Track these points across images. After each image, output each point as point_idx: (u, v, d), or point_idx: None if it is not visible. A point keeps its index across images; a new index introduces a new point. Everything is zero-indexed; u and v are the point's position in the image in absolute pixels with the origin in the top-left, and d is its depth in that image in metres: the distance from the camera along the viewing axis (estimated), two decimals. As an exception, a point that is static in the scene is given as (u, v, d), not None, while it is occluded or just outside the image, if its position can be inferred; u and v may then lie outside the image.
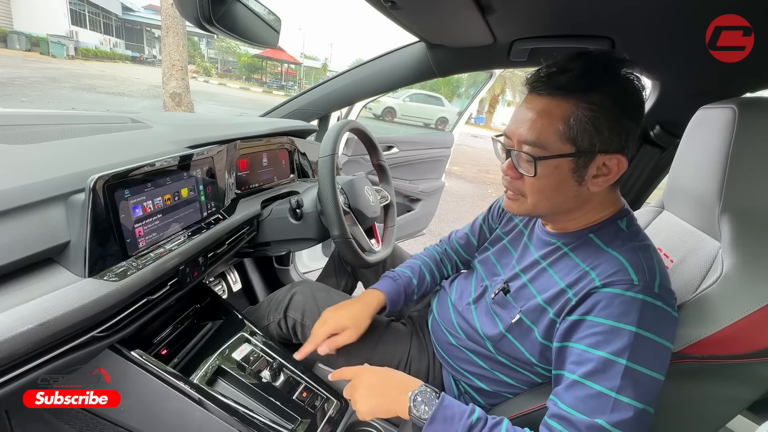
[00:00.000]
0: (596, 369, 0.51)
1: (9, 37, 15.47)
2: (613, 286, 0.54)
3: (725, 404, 0.59)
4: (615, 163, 0.57)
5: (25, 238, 0.50)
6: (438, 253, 1.00)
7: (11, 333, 0.44)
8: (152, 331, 0.80)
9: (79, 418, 0.71)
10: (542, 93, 0.57)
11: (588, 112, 0.54)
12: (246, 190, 1.05)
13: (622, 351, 0.51)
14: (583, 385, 0.52)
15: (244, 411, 0.70)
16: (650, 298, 0.52)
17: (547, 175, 0.58)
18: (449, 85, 21.16)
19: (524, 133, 0.58)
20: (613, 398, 0.49)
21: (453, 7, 0.86)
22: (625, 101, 0.55)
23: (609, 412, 0.49)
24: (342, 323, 0.78)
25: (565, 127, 0.55)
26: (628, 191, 1.22)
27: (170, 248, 0.68)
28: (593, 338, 0.53)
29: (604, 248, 0.60)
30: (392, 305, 0.85)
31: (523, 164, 0.60)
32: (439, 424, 0.56)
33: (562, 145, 0.56)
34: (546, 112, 0.56)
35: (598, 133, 0.55)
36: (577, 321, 0.56)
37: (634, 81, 0.56)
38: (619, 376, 0.50)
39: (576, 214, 0.64)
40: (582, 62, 0.56)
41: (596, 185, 0.59)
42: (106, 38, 22.67)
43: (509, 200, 0.66)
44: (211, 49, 28.19)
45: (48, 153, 0.65)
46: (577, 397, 0.52)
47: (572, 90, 0.55)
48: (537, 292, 0.65)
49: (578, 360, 0.54)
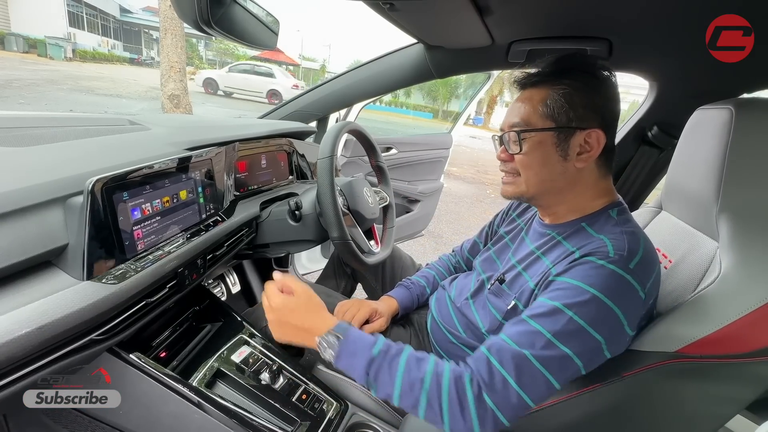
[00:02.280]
0: (543, 313, 0.56)
1: (6, 38, 15.43)
2: (589, 256, 0.58)
3: (724, 404, 0.59)
4: (595, 138, 0.63)
5: (23, 241, 0.50)
6: (451, 263, 1.05)
7: (9, 336, 0.43)
8: (151, 334, 0.79)
9: (78, 421, 0.71)
10: (525, 85, 0.69)
11: (561, 91, 0.63)
12: (245, 192, 1.05)
13: (572, 305, 0.55)
14: (526, 322, 0.57)
15: (243, 414, 0.70)
16: (621, 270, 0.55)
17: (533, 150, 0.65)
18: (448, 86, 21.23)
19: (513, 119, 0.68)
20: (546, 338, 0.54)
21: (451, 8, 0.86)
22: (595, 84, 0.64)
23: (538, 348, 0.54)
24: (378, 310, 0.88)
25: (543, 107, 0.64)
26: (627, 191, 1.22)
27: (169, 250, 0.68)
28: (554, 292, 0.58)
29: (594, 234, 0.63)
30: (404, 312, 0.94)
31: (511, 145, 0.68)
32: (344, 359, 0.60)
33: (543, 121, 0.64)
34: (528, 98, 0.66)
35: (573, 109, 0.63)
36: (549, 281, 0.61)
37: (603, 72, 0.64)
38: (561, 323, 0.54)
39: (567, 195, 0.68)
40: (557, 58, 0.66)
41: (581, 161, 0.64)
42: (104, 40, 22.63)
43: (505, 185, 0.72)
44: (210, 50, 28.21)
45: (46, 155, 0.65)
46: (516, 330, 0.57)
47: (547, 76, 0.66)
48: (529, 278, 0.68)
49: (534, 306, 0.59)
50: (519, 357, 0.54)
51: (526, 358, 0.54)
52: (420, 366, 0.57)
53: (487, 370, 0.55)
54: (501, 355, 0.55)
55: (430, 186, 2.22)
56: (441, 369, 0.57)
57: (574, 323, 0.54)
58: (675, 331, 0.57)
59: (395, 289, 0.96)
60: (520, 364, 0.54)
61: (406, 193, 2.13)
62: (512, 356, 0.54)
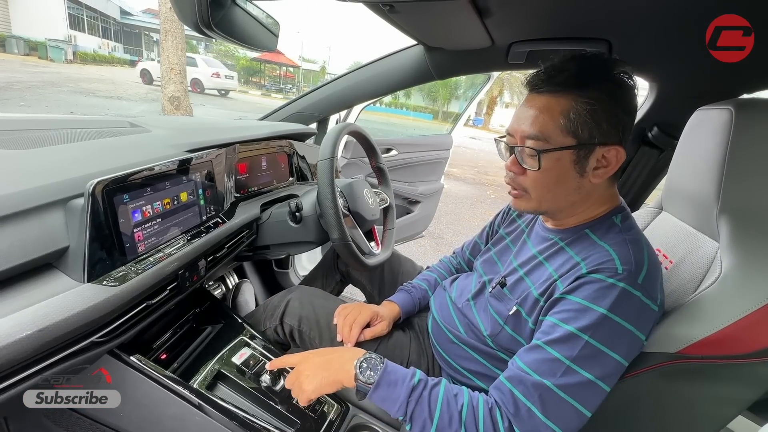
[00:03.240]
0: (559, 339, 0.55)
1: (7, 41, 15.46)
2: (597, 273, 0.57)
3: (726, 405, 0.59)
4: (614, 154, 0.60)
5: (24, 244, 0.50)
6: (452, 264, 1.04)
7: (10, 339, 0.43)
8: (152, 336, 0.79)
9: (78, 423, 0.71)
10: (542, 91, 0.61)
11: (586, 105, 0.57)
12: (245, 194, 1.05)
13: (586, 328, 0.53)
14: (543, 349, 0.56)
15: (243, 415, 0.70)
16: (630, 287, 0.54)
17: (550, 168, 0.61)
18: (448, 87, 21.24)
19: (527, 129, 0.61)
20: (566, 365, 0.53)
21: (451, 10, 0.86)
22: (619, 96, 0.59)
23: (558, 375, 0.53)
24: (379, 313, 0.87)
25: (565, 120, 0.58)
26: (627, 192, 1.22)
27: (169, 252, 0.68)
28: (565, 314, 0.57)
29: (598, 242, 0.62)
30: (406, 317, 0.93)
31: (526, 159, 0.62)
32: (383, 389, 0.59)
33: (564, 137, 0.59)
34: (547, 108, 0.59)
35: (597, 125, 0.58)
36: (557, 299, 0.59)
37: (626, 79, 0.60)
38: (578, 348, 0.53)
39: (579, 208, 0.66)
40: (578, 62, 0.60)
41: (597, 177, 0.61)
42: (105, 42, 22.67)
43: (516, 199, 0.68)
44: (210, 52, 28.22)
45: (47, 158, 0.65)
46: (534, 358, 0.56)
47: (570, 86, 0.58)
48: (532, 284, 0.67)
49: (546, 330, 0.58)
50: (541, 388, 0.53)
51: (549, 389, 0.53)
52: (457, 398, 0.58)
53: (512, 402, 0.55)
54: (524, 387, 0.55)
55: (430, 187, 2.22)
56: (476, 401, 0.58)
57: (590, 347, 0.53)
58: (676, 332, 0.57)
59: (396, 294, 0.96)
60: (543, 394, 0.53)
61: (407, 194, 2.13)
62: (534, 387, 0.54)
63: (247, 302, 1.25)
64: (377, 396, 0.59)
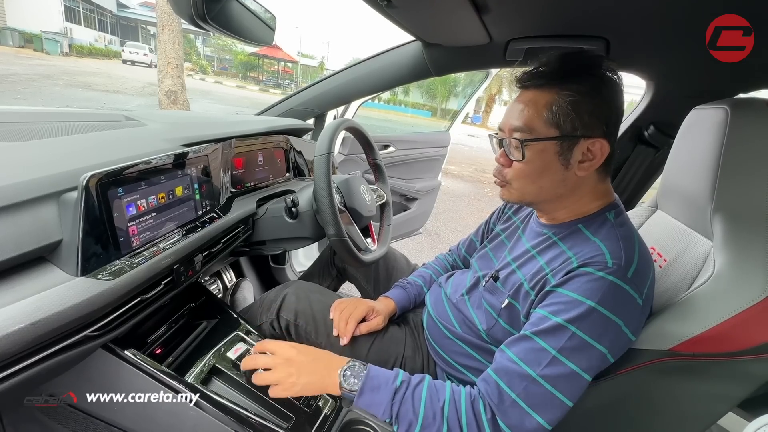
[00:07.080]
0: (546, 329, 0.56)
1: (2, 33, 15.29)
2: (587, 267, 0.58)
3: (716, 402, 0.60)
4: (598, 147, 0.61)
5: (17, 237, 0.50)
6: (448, 261, 1.05)
7: (2, 332, 0.43)
8: (146, 330, 0.79)
9: (73, 417, 0.70)
10: (528, 86, 0.64)
11: (568, 98, 0.60)
12: (241, 189, 1.04)
13: (574, 319, 0.55)
14: (530, 339, 0.57)
15: (238, 410, 0.70)
16: (619, 281, 0.55)
17: (534, 159, 0.63)
18: (446, 84, 21.20)
19: (514, 122, 0.64)
20: (552, 355, 0.55)
21: (449, 6, 0.86)
22: (601, 89, 0.61)
23: (543, 366, 0.54)
24: (375, 308, 0.88)
25: (548, 113, 0.61)
26: (623, 191, 1.23)
27: (164, 247, 0.68)
28: (554, 306, 0.58)
29: (590, 237, 0.63)
30: (402, 312, 0.93)
31: (513, 150, 0.65)
32: (367, 395, 0.60)
33: (548, 129, 0.61)
34: (533, 102, 0.63)
35: (579, 118, 0.60)
36: (547, 292, 0.61)
37: (611, 75, 0.62)
38: (564, 339, 0.55)
39: (567, 201, 0.67)
40: (563, 58, 0.63)
41: (583, 170, 0.63)
42: (101, 35, 22.47)
43: (502, 189, 0.71)
44: (207, 46, 28.04)
45: (41, 151, 0.64)
46: (521, 348, 0.58)
47: (553, 80, 0.61)
48: (523, 276, 0.68)
49: (535, 321, 0.59)
50: (527, 378, 0.55)
51: (534, 379, 0.54)
52: (439, 394, 0.59)
53: (497, 394, 0.56)
54: (509, 378, 0.56)
55: (427, 184, 2.22)
56: (458, 395, 0.58)
57: (577, 338, 0.54)
58: (668, 330, 0.57)
59: (392, 290, 0.96)
60: (528, 385, 0.54)
61: (404, 191, 2.13)
62: (519, 378, 0.55)
63: (246, 299, 1.25)
64: (362, 401, 0.61)
